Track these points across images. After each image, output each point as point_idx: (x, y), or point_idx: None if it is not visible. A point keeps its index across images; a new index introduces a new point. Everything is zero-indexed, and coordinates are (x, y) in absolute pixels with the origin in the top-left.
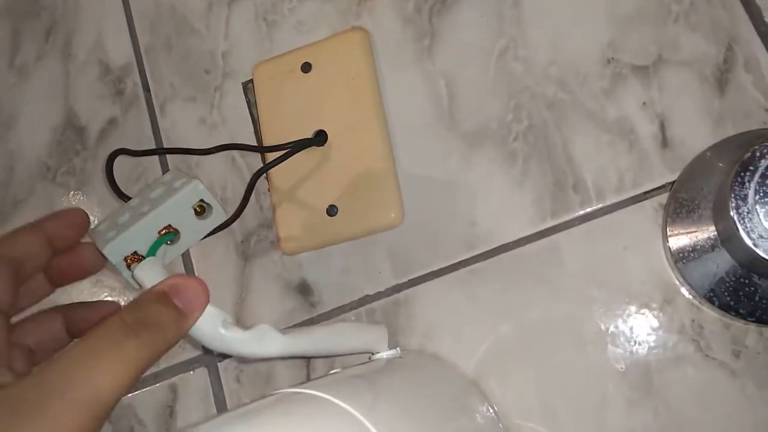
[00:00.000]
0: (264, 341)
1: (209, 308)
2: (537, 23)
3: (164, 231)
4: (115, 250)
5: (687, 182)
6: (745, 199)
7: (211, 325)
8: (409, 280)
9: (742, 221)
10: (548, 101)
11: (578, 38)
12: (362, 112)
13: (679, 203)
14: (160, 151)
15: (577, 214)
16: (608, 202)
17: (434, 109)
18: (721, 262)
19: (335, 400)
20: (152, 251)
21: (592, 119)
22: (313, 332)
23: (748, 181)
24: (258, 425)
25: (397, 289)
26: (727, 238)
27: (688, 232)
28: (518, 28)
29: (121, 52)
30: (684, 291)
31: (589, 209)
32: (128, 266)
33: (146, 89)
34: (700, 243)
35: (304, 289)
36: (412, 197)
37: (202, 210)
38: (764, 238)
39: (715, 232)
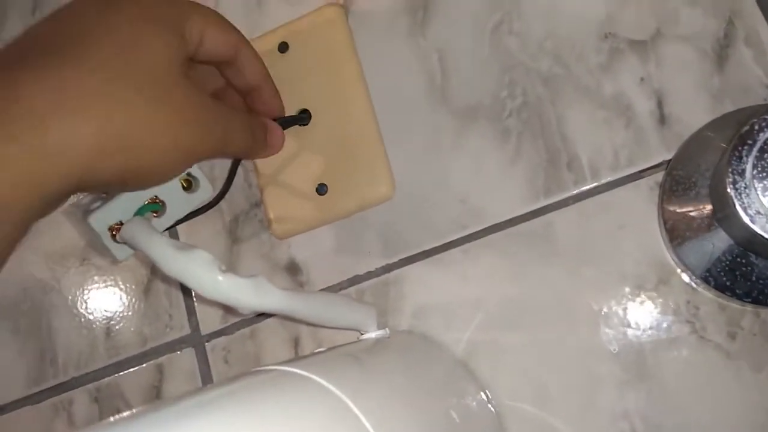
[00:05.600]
0: (262, 291)
1: (205, 254)
2: None
3: (150, 201)
4: (100, 219)
5: (684, 160)
6: (742, 173)
7: (208, 270)
8: (399, 260)
9: (738, 197)
10: (543, 77)
11: (575, 11)
12: (344, 89)
13: (676, 181)
14: None
15: (571, 193)
16: (603, 181)
17: (426, 84)
18: (718, 241)
19: (318, 379)
20: (138, 214)
21: (588, 95)
22: (308, 296)
23: (746, 155)
24: (228, 408)
25: (388, 269)
26: (724, 216)
27: (684, 211)
28: (513, 0)
29: None
30: (679, 271)
31: (583, 188)
32: (113, 236)
33: None
34: (696, 222)
35: (292, 269)
36: (403, 173)
37: (189, 184)
38: (762, 215)
39: (712, 211)
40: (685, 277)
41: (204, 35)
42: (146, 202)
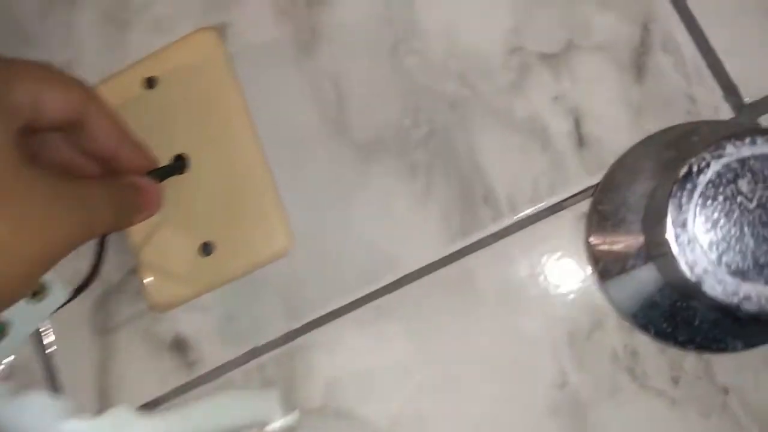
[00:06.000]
0: (123, 429)
1: (41, 397)
2: (429, 7)
3: None
4: None
5: (609, 191)
6: (684, 226)
7: (46, 418)
8: (304, 324)
9: (683, 253)
10: (449, 100)
11: (477, 24)
12: (224, 127)
13: (602, 215)
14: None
15: (489, 232)
16: (523, 214)
17: (320, 115)
18: (653, 281)
19: None
20: None
21: (500, 118)
22: (188, 411)
23: (686, 203)
24: None
25: (291, 336)
26: (662, 261)
27: (614, 249)
28: (409, 14)
29: None
30: (613, 313)
31: (502, 225)
32: None
33: None
34: (629, 260)
35: (179, 346)
36: (301, 220)
37: (35, 291)
38: (709, 272)
39: (645, 248)
40: (620, 319)
41: (38, 100)
42: None
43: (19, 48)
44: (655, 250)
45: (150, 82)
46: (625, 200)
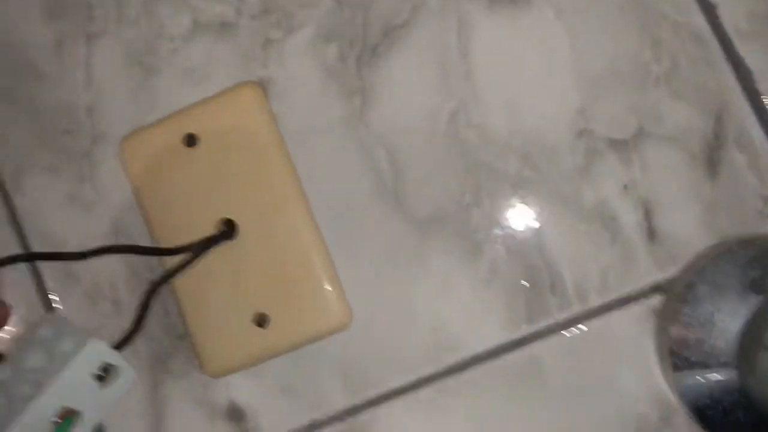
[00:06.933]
0: None
1: None
2: (491, 80)
3: (63, 415)
4: None
5: (690, 302)
6: None
7: None
8: (365, 402)
9: None
10: (512, 180)
11: (542, 101)
12: (272, 192)
13: (684, 326)
14: (23, 258)
15: (556, 320)
16: (591, 306)
17: (374, 186)
18: (737, 394)
19: None
20: None
21: (566, 204)
22: None
23: None
24: None
25: (352, 411)
26: (759, 389)
27: (693, 354)
28: (469, 85)
29: None
30: (682, 411)
31: (570, 314)
32: None
33: None
34: (711, 366)
35: (235, 415)
36: (358, 295)
37: (103, 375)
38: None
39: (733, 362)
40: (689, 418)
41: None
42: (56, 420)
43: (32, 86)
44: (751, 373)
45: (190, 139)
46: (709, 318)
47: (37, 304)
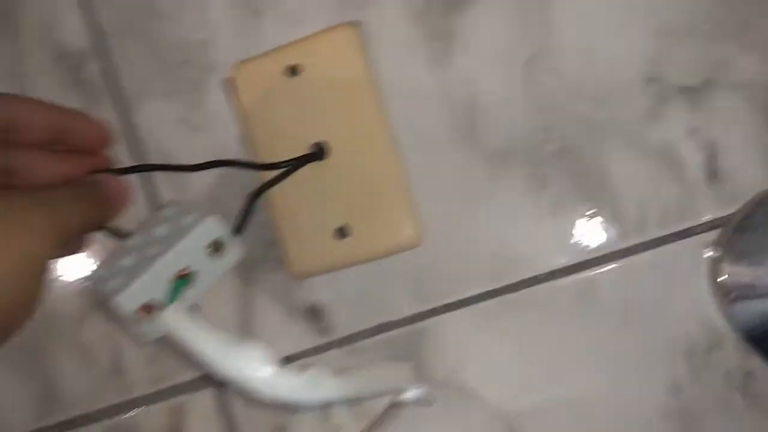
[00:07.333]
0: (319, 388)
1: (259, 351)
2: (568, 30)
3: (180, 275)
4: (126, 300)
5: (747, 229)
6: None
7: (264, 372)
8: (431, 309)
9: None
10: (584, 121)
11: (617, 50)
12: (362, 120)
13: (737, 249)
14: (144, 168)
15: (615, 248)
16: (650, 237)
17: (453, 121)
18: None
19: None
20: (173, 297)
21: (633, 143)
22: (357, 379)
23: None
24: None
25: (419, 317)
26: None
27: (745, 279)
28: (547, 34)
29: (77, 35)
30: (733, 336)
31: (629, 243)
32: (141, 319)
33: (113, 80)
34: (762, 292)
35: (313, 314)
36: (432, 217)
37: (216, 248)
38: None
39: None
40: (739, 342)
41: None
42: (176, 276)
43: (152, 22)
44: None
45: (293, 70)
46: (764, 248)
47: (150, 210)
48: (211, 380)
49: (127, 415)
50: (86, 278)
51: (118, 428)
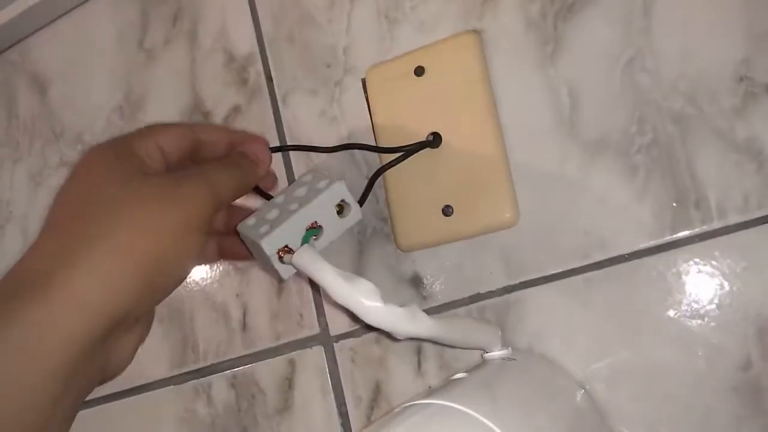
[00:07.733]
0: (416, 321)
1: (368, 285)
2: (667, 35)
3: (311, 227)
4: (271, 243)
5: None
6: None
7: (372, 300)
8: (520, 282)
9: None
10: (675, 116)
11: (710, 53)
12: (475, 116)
13: None
14: (287, 148)
15: (697, 231)
16: (730, 222)
17: (554, 115)
18: None
19: (467, 410)
20: (304, 241)
21: (720, 137)
22: (449, 323)
23: None
24: None
25: (509, 290)
26: None
27: None
28: (647, 38)
29: (245, 42)
30: None
31: (710, 227)
32: (280, 258)
33: (269, 79)
34: None
35: (415, 282)
36: (528, 200)
37: (341, 209)
38: None
39: None
40: None
41: (159, 144)
42: (308, 228)
43: (306, 30)
44: None
45: (419, 70)
46: None
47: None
48: (320, 338)
49: (248, 366)
50: (240, 226)
51: (243, 377)
